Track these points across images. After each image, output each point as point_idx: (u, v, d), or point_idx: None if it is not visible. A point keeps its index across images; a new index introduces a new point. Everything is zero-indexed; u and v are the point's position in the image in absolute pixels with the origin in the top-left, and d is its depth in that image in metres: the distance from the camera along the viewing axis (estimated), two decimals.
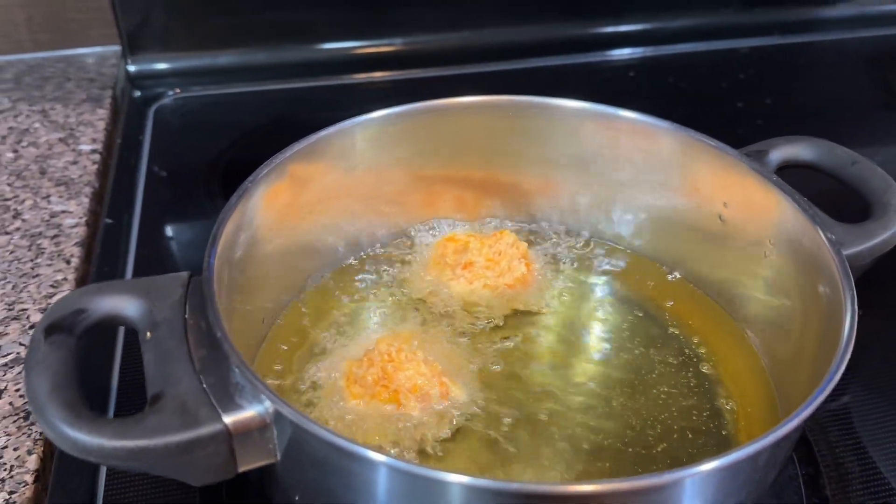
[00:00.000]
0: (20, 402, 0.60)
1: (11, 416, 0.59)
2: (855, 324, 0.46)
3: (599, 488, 0.38)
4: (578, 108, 0.64)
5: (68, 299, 0.46)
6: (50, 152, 0.88)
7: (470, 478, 0.38)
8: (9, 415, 0.59)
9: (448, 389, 0.56)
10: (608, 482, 0.39)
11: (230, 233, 0.52)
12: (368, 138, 0.64)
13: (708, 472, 0.40)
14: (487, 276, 0.64)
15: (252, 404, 0.42)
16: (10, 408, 0.59)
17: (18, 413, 0.59)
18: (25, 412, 0.59)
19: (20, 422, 0.58)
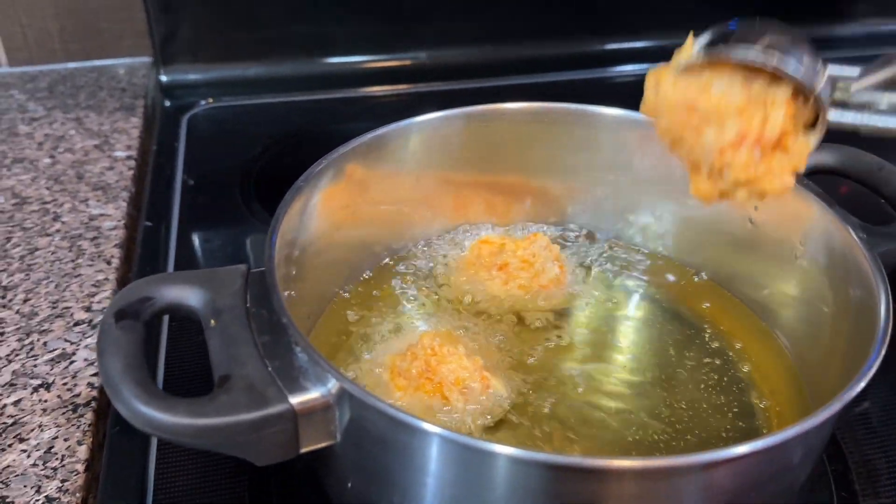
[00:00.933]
0: (68, 395, 0.61)
1: (60, 408, 0.60)
2: (890, 319, 0.48)
3: (640, 464, 0.40)
4: (616, 116, 0.66)
5: (135, 287, 0.48)
6: (86, 158, 0.90)
7: (526, 451, 0.39)
8: (58, 407, 0.60)
9: (489, 383, 0.57)
10: (649, 459, 0.41)
11: (285, 227, 0.54)
12: (410, 142, 0.66)
13: (742, 454, 0.40)
14: (522, 277, 0.66)
15: (316, 386, 0.44)
16: (59, 400, 0.61)
17: (67, 405, 0.60)
18: (74, 404, 0.60)
19: (69, 413, 0.60)
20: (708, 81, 0.46)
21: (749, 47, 0.44)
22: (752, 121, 0.45)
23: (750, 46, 0.44)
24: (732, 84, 0.46)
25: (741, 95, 0.45)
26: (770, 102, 0.45)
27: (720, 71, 0.46)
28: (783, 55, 0.44)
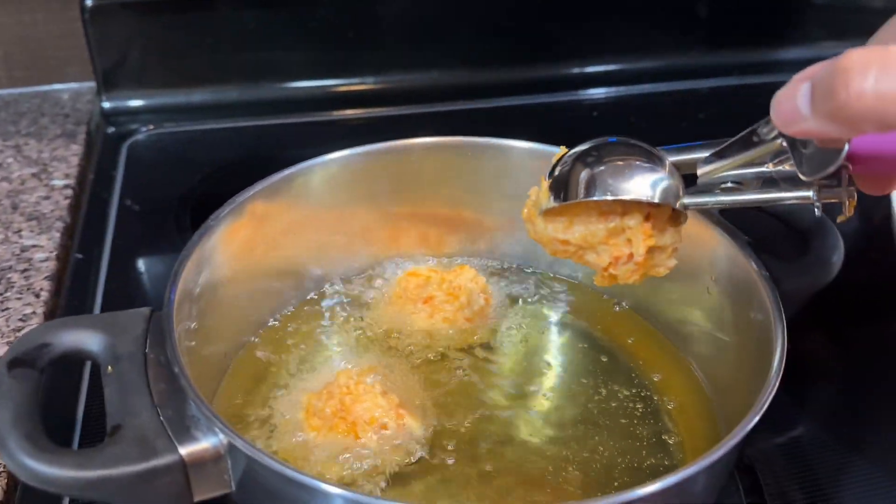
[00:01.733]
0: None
1: None
2: (784, 355, 0.48)
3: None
4: (526, 149, 0.67)
5: (32, 334, 0.48)
6: (22, 187, 0.89)
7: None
8: None
9: (405, 421, 0.57)
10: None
11: (192, 269, 0.54)
12: (330, 177, 0.66)
13: (649, 494, 0.42)
14: (447, 310, 0.66)
15: (207, 436, 0.44)
16: None
17: None
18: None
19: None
20: (570, 221, 0.51)
21: (592, 185, 0.48)
22: (619, 248, 0.51)
23: (593, 184, 0.48)
24: (590, 221, 0.51)
25: (602, 231, 0.51)
26: (628, 229, 0.50)
27: (576, 209, 0.51)
28: (622, 183, 0.48)
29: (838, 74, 0.35)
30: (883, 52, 0.34)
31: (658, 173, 0.49)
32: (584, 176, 0.49)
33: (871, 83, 0.34)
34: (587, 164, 0.49)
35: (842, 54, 0.35)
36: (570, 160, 0.50)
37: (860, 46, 0.36)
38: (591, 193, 0.48)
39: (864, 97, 0.34)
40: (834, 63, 0.35)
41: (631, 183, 0.48)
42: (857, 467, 0.62)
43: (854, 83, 0.34)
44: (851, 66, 0.34)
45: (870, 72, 0.34)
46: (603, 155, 0.50)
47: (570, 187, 0.49)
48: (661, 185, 0.49)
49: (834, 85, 0.35)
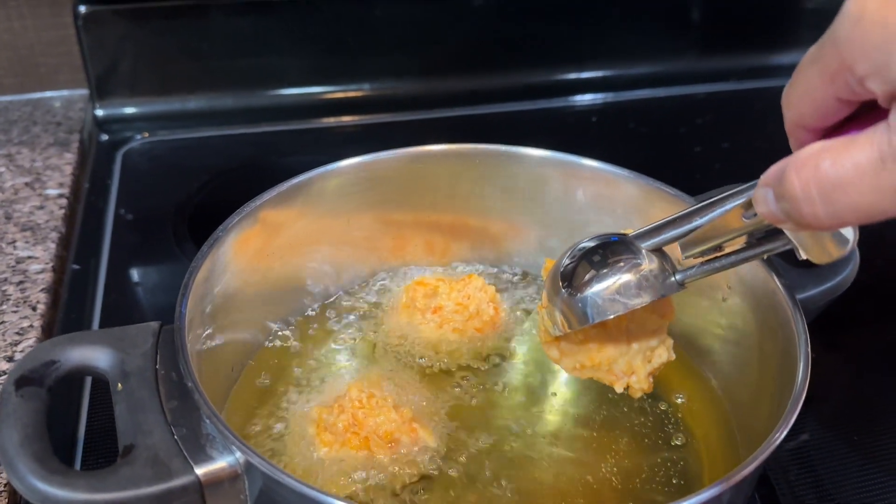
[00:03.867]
0: None
1: None
2: (808, 368, 0.48)
3: None
4: (542, 157, 0.66)
5: (39, 351, 0.47)
6: (16, 197, 0.87)
7: None
8: None
9: (418, 435, 0.56)
10: None
11: (201, 281, 0.53)
12: (338, 185, 0.65)
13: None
14: (456, 320, 0.65)
15: (223, 455, 0.43)
16: None
17: None
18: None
19: None
20: (582, 343, 0.53)
21: (597, 307, 0.49)
22: (635, 361, 0.53)
23: (597, 306, 0.49)
24: (602, 341, 0.53)
25: (614, 349, 0.53)
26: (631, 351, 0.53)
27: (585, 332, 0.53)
28: (620, 301, 0.49)
29: (784, 196, 0.36)
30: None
31: (645, 267, 0.49)
32: (589, 299, 0.49)
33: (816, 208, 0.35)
34: (586, 283, 0.49)
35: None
36: (565, 284, 0.51)
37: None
38: (603, 314, 0.49)
39: (817, 214, 0.35)
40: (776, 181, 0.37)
41: (633, 291, 0.48)
42: (871, 474, 0.62)
43: (804, 208, 0.35)
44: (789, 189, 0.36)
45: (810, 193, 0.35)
46: (593, 268, 0.50)
47: (576, 314, 0.50)
48: (657, 281, 0.49)
49: (784, 200, 0.36)
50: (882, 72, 0.33)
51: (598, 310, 0.49)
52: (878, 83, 0.33)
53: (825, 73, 0.35)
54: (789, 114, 0.39)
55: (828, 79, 0.35)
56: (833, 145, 0.34)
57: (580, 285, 0.49)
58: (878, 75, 0.33)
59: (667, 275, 0.49)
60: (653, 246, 0.49)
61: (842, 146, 0.34)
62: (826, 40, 0.35)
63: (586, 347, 0.53)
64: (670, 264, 0.49)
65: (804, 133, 0.38)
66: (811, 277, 0.57)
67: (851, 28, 0.33)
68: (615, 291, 0.48)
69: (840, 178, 0.34)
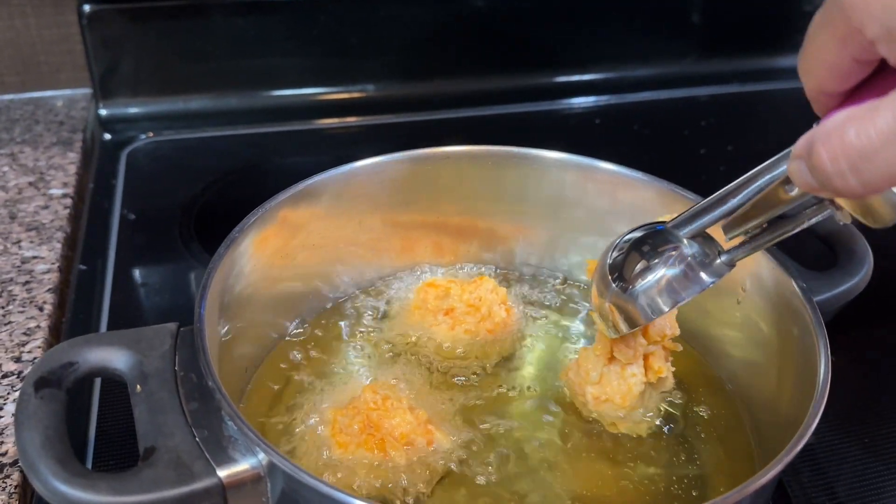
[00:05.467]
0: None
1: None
2: (829, 373, 0.48)
3: None
4: (557, 159, 0.66)
5: (57, 352, 0.46)
6: (20, 196, 0.87)
7: None
8: None
9: (433, 437, 0.56)
10: None
11: (218, 282, 0.52)
12: (352, 186, 0.65)
13: None
14: (468, 322, 0.65)
15: (245, 457, 0.42)
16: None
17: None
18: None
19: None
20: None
21: (655, 304, 0.50)
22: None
23: (655, 302, 0.50)
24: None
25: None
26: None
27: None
28: (675, 292, 0.49)
29: (815, 169, 0.36)
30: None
31: (690, 255, 0.49)
32: (643, 292, 0.49)
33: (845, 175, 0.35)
34: (638, 275, 0.49)
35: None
36: (615, 277, 0.51)
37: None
38: (659, 310, 0.50)
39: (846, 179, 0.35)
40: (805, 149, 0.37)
41: (684, 283, 0.49)
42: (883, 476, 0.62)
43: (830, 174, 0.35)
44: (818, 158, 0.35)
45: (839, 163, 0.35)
46: (643, 259, 0.50)
47: (634, 309, 0.50)
48: (706, 267, 0.49)
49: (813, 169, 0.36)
50: (891, 35, 0.32)
51: (653, 306, 0.48)
52: (887, 47, 0.33)
53: (836, 37, 0.35)
54: (808, 81, 0.38)
55: (840, 42, 0.35)
56: (856, 114, 0.34)
57: (632, 278, 0.49)
58: (887, 39, 0.33)
59: (713, 259, 0.48)
60: (694, 232, 0.48)
61: (865, 114, 0.34)
62: (831, 4, 0.34)
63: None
64: (715, 247, 0.49)
65: (827, 98, 0.38)
66: (826, 281, 0.57)
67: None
68: (667, 284, 0.48)
69: (866, 147, 0.33)
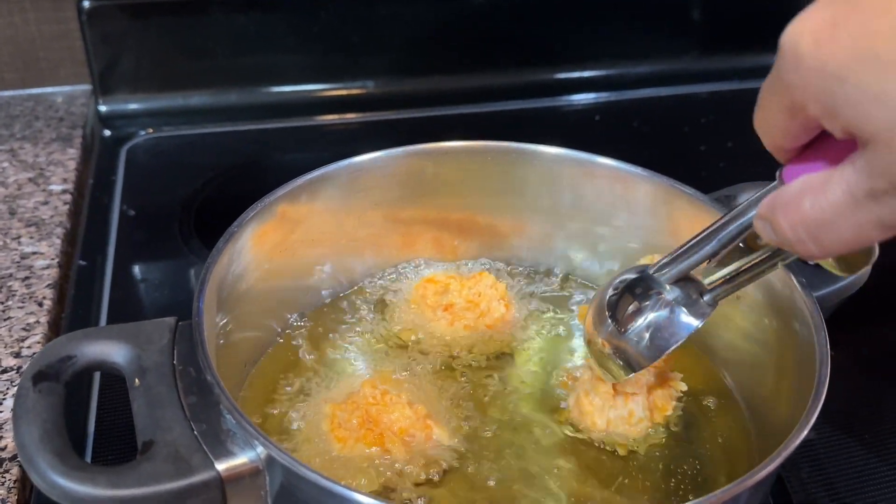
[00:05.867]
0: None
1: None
2: (828, 367, 0.48)
3: None
4: (557, 155, 0.66)
5: (55, 346, 0.46)
6: (19, 192, 0.87)
7: None
8: None
9: (432, 432, 0.56)
10: None
11: (217, 276, 0.52)
12: (351, 181, 0.64)
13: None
14: (468, 318, 0.65)
15: (244, 450, 0.42)
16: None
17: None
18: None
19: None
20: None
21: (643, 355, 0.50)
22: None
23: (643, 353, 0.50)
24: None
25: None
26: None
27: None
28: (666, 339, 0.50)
29: (777, 234, 0.38)
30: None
31: (674, 300, 0.50)
32: (641, 335, 0.50)
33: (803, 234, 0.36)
34: (632, 317, 0.50)
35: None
36: (611, 315, 0.51)
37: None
38: (652, 357, 0.50)
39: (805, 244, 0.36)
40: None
41: (670, 329, 0.50)
42: (881, 472, 0.62)
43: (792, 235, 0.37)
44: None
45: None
46: (636, 300, 0.50)
47: (635, 357, 0.51)
48: (692, 311, 0.50)
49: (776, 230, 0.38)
50: (831, 115, 0.33)
51: (653, 349, 0.49)
52: (830, 124, 0.34)
53: (783, 109, 0.36)
54: (764, 139, 0.39)
55: (787, 113, 0.36)
56: (811, 184, 0.35)
57: (625, 320, 0.50)
58: (828, 118, 0.33)
59: (697, 300, 0.49)
60: (675, 277, 0.49)
61: (819, 186, 0.35)
62: (776, 78, 0.35)
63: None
64: (697, 287, 0.50)
65: (784, 152, 0.39)
66: (825, 276, 0.57)
67: (793, 73, 0.33)
68: (655, 331, 0.49)
69: (821, 218, 0.35)
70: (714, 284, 0.49)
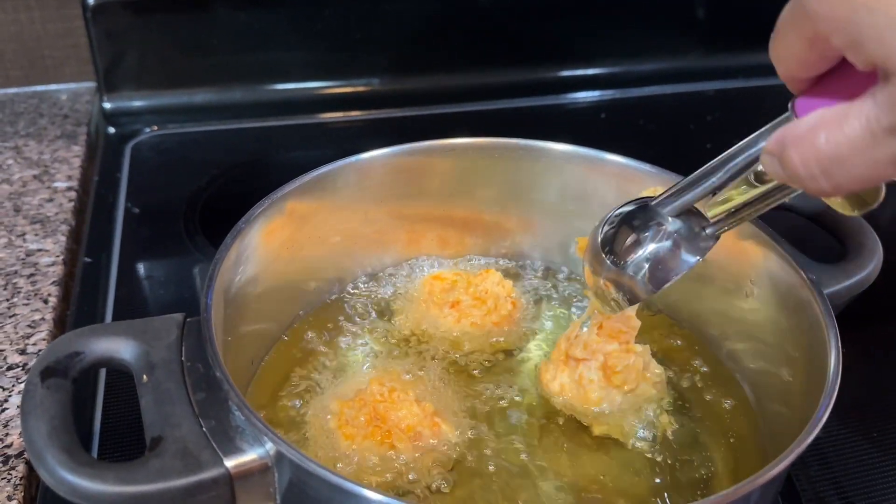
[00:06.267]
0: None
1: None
2: (840, 365, 0.48)
3: None
4: (565, 152, 0.66)
5: (63, 342, 0.46)
6: (24, 189, 0.87)
7: None
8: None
9: (440, 429, 0.56)
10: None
11: (225, 272, 0.52)
12: (358, 178, 0.64)
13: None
14: (474, 315, 0.65)
15: (253, 447, 0.42)
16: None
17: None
18: (4, 456, 0.57)
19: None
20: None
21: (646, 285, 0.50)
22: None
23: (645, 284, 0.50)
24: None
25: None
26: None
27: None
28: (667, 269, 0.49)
29: (787, 169, 0.36)
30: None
31: (676, 231, 0.49)
32: (639, 266, 0.49)
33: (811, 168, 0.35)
34: (629, 249, 0.49)
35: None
36: (607, 250, 0.51)
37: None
38: (657, 284, 0.50)
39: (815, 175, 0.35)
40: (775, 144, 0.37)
41: (672, 261, 0.49)
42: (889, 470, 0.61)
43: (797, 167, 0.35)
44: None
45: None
46: (634, 233, 0.50)
47: (634, 288, 0.50)
48: (693, 243, 0.49)
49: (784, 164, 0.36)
50: (857, 46, 0.32)
51: (648, 281, 0.48)
52: (854, 56, 0.33)
53: (803, 38, 0.35)
54: (779, 68, 0.38)
55: (807, 43, 0.35)
56: (827, 119, 0.34)
57: (623, 252, 0.49)
58: (852, 49, 0.33)
59: (699, 233, 0.48)
60: (678, 209, 0.48)
61: (835, 120, 0.34)
62: (797, 6, 0.34)
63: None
64: (700, 221, 0.49)
65: (798, 82, 0.38)
66: (835, 273, 0.57)
67: (817, 2, 0.33)
68: (657, 261, 0.48)
69: (836, 154, 0.34)
70: (716, 218, 0.48)
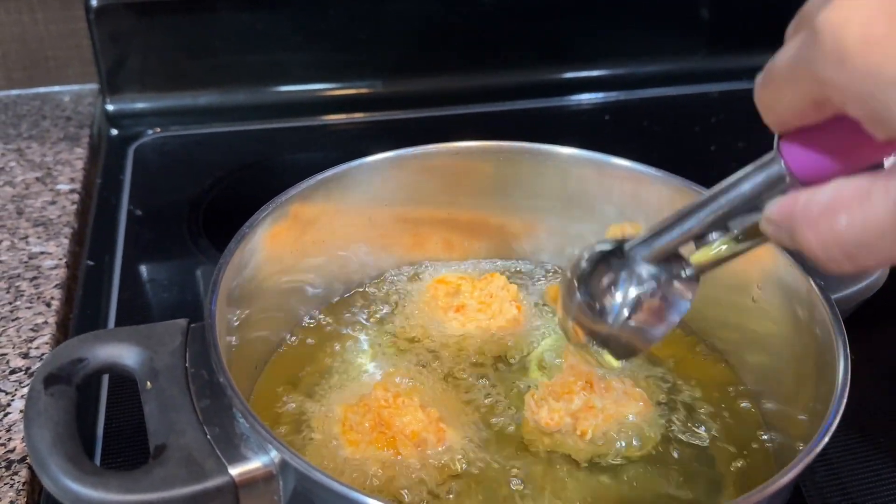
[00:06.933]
0: (1, 450, 0.58)
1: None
2: (849, 369, 0.47)
3: None
4: (570, 155, 0.65)
5: (66, 348, 0.46)
6: (27, 192, 0.86)
7: None
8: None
9: (445, 435, 0.55)
10: None
11: (229, 277, 0.52)
12: (363, 181, 0.64)
13: None
14: (479, 319, 0.65)
15: (258, 455, 0.42)
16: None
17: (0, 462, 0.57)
18: (7, 461, 0.57)
19: (2, 471, 0.57)
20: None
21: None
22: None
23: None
24: None
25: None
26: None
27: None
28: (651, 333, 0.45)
29: (801, 248, 0.33)
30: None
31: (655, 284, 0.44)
32: (628, 338, 0.45)
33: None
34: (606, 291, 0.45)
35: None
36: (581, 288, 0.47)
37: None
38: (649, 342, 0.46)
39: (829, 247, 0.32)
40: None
41: (659, 328, 0.45)
42: None
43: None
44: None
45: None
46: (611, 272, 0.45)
47: (628, 349, 0.46)
48: (674, 290, 0.44)
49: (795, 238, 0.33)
50: (879, 122, 0.29)
51: (643, 337, 0.45)
52: (874, 129, 0.30)
53: (805, 98, 0.32)
54: (767, 117, 0.36)
55: (811, 105, 0.32)
56: (846, 197, 0.31)
57: (607, 311, 0.45)
58: (874, 123, 0.29)
59: (678, 277, 0.44)
60: (657, 256, 0.44)
61: (855, 200, 0.31)
62: (803, 65, 0.31)
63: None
64: (679, 262, 0.44)
65: (784, 127, 0.36)
66: (842, 278, 0.56)
67: (834, 70, 0.29)
68: (649, 318, 0.44)
69: (862, 239, 0.30)
70: (700, 265, 0.44)
